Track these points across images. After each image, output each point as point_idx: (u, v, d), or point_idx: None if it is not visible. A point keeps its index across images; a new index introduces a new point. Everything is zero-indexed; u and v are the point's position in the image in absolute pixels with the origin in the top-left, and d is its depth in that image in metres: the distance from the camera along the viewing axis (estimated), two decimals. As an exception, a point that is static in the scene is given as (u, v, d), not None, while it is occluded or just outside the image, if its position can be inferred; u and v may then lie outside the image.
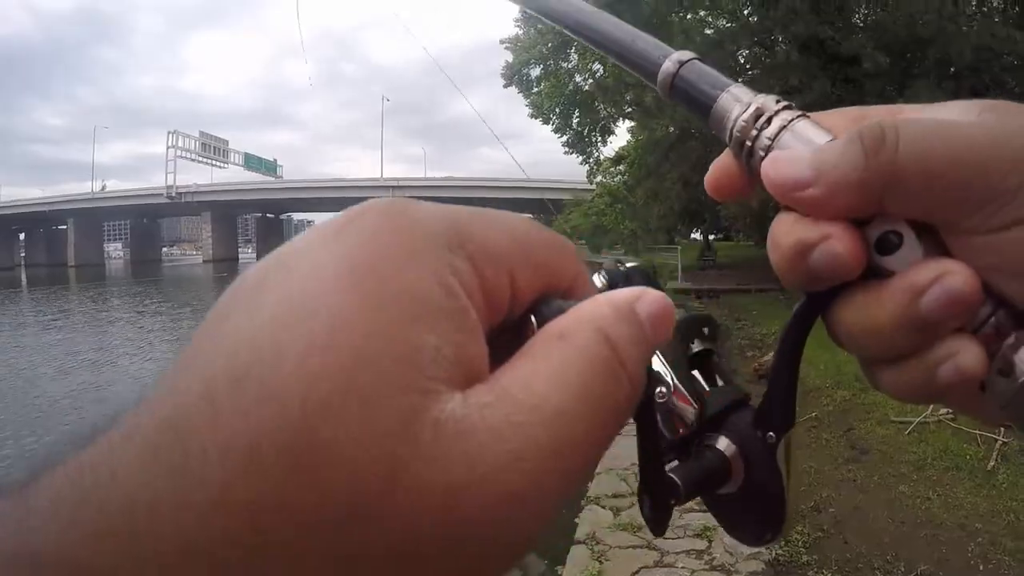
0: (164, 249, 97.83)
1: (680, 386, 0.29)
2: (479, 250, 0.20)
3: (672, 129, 15.56)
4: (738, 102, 0.28)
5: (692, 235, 30.99)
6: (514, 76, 22.48)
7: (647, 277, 0.28)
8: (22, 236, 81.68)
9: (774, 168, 0.26)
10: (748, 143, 0.28)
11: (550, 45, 20.17)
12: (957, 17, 9.38)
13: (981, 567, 3.01)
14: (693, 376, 0.30)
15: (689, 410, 0.29)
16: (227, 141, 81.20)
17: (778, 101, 0.28)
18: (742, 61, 15.95)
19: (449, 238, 0.19)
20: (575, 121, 22.94)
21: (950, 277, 0.23)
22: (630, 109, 18.26)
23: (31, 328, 18.35)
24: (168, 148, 71.70)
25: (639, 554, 3.30)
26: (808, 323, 0.28)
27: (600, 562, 3.27)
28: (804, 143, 0.26)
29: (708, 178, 0.30)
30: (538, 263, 0.22)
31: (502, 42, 22.02)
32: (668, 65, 0.31)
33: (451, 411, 0.18)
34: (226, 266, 63.23)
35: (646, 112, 16.00)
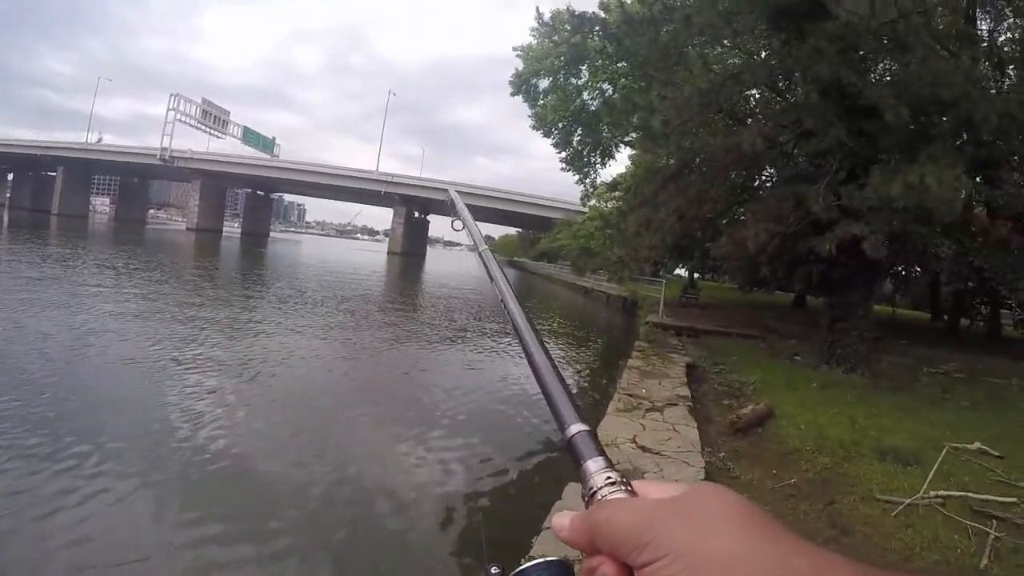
0: (150, 211, 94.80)
1: None
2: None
3: (672, 161, 15.15)
4: (591, 474, 0.46)
5: (677, 270, 30.83)
6: (522, 85, 22.02)
7: None
8: (10, 177, 79.19)
9: (555, 519, 0.44)
10: (585, 499, 0.46)
11: (563, 58, 19.77)
12: (983, 82, 9.04)
13: None
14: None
15: None
16: (229, 112, 79.34)
17: (607, 480, 0.45)
18: (752, 104, 15.63)
19: None
20: (576, 139, 22.50)
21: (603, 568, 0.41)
22: (634, 134, 17.87)
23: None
24: (169, 110, 70.32)
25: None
26: None
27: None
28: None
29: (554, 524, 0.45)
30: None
31: (514, 49, 21.59)
32: (572, 428, 0.51)
33: None
34: (209, 236, 61.78)
35: (651, 137, 15.54)
